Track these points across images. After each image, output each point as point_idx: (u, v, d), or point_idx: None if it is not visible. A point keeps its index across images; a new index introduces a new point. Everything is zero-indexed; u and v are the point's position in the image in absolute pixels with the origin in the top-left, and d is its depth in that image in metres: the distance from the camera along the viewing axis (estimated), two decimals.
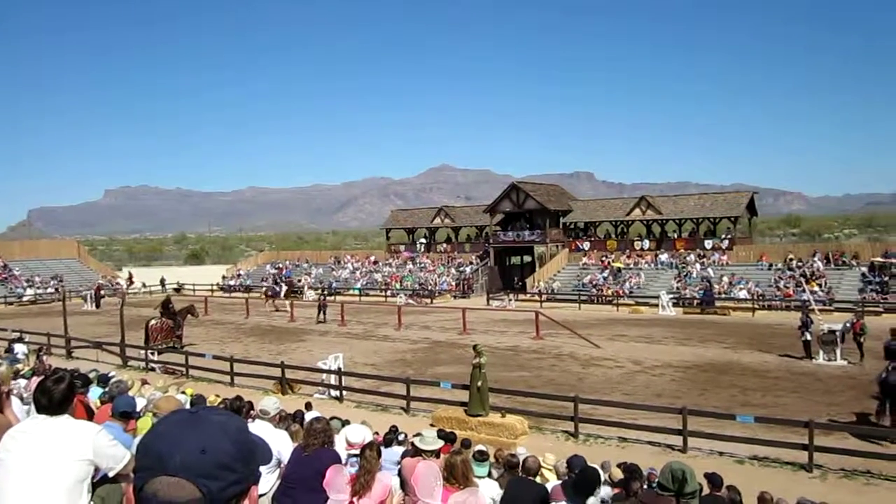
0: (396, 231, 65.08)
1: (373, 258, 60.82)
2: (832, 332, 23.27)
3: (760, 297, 38.48)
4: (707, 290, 39.60)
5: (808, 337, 23.70)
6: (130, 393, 8.52)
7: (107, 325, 34.50)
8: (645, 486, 7.65)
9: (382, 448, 7.95)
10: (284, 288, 47.90)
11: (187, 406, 9.02)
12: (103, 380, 11.05)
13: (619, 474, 9.08)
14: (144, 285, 58.76)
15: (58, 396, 3.56)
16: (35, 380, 9.08)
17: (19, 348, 20.19)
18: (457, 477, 5.73)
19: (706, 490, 8.51)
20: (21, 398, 7.04)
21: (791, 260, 41.18)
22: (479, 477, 7.97)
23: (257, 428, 6.24)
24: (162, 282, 60.34)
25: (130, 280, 60.63)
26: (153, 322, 26.05)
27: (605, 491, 6.23)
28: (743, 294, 38.95)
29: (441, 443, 7.63)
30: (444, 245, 59.88)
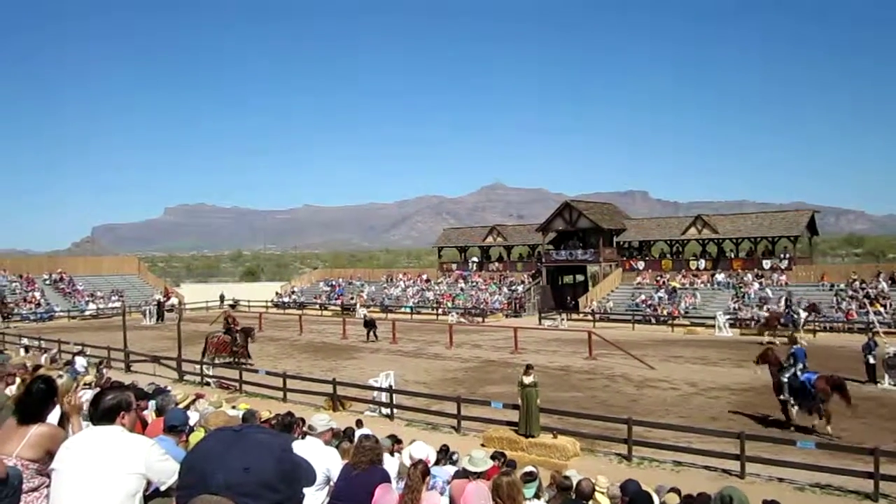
0: (449, 249, 65.21)
1: (425, 276, 61.05)
2: None
3: (822, 319, 37.35)
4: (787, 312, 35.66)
5: (872, 360, 22.90)
6: (182, 406, 8.65)
7: (164, 340, 35.23)
8: None
9: (432, 467, 7.90)
10: (804, 315, 34.01)
11: (239, 421, 9.12)
12: (160, 393, 11.27)
13: (674, 500, 8.86)
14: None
15: (103, 407, 3.62)
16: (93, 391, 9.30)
17: (80, 361, 20.78)
18: (502, 497, 5.66)
19: None
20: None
21: (854, 280, 39.93)
22: (528, 499, 7.86)
23: (307, 444, 6.26)
24: (221, 298, 62.25)
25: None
26: (213, 337, 26.78)
27: None
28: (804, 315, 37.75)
29: (490, 463, 7.55)
30: (497, 264, 59.76)
